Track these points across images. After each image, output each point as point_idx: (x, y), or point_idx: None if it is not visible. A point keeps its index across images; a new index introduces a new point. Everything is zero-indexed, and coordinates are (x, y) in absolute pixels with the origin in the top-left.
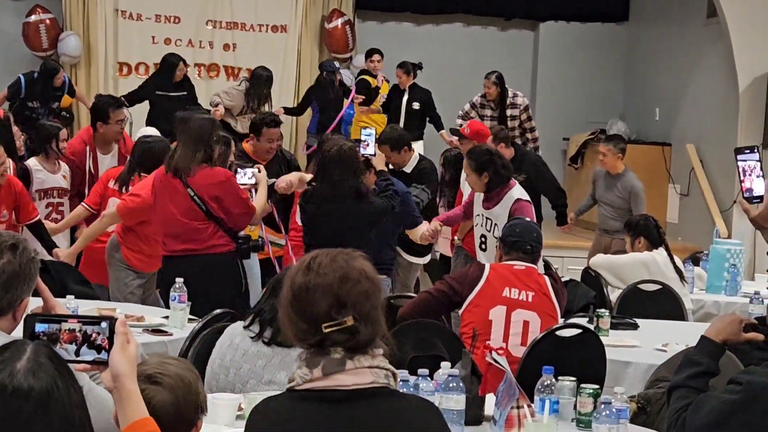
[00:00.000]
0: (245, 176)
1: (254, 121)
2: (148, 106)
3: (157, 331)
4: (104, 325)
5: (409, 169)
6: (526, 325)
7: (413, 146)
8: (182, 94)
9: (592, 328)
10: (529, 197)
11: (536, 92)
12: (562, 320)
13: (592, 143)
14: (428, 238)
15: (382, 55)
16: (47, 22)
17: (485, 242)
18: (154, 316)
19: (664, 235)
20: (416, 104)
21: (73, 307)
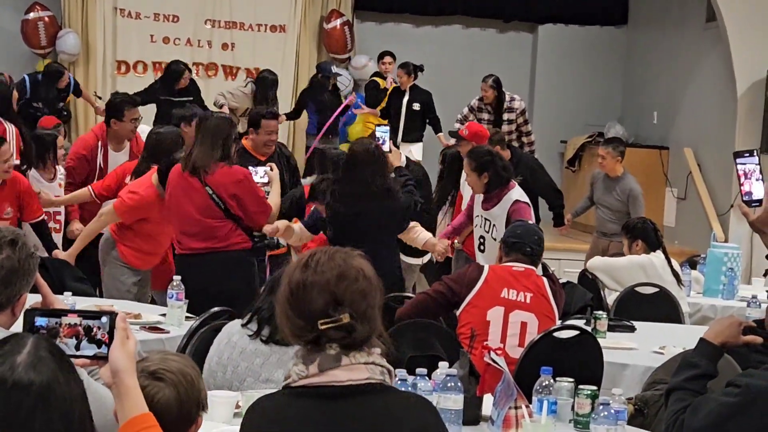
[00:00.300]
0: (258, 175)
1: (252, 114)
2: (155, 108)
3: (154, 328)
4: (104, 320)
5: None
6: (523, 326)
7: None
8: (188, 99)
9: (589, 330)
10: (527, 199)
11: (534, 94)
12: (559, 322)
13: (589, 146)
14: (441, 257)
15: (394, 57)
16: (46, 19)
17: (484, 243)
18: (151, 313)
19: (661, 238)
20: (416, 105)
21: (70, 304)
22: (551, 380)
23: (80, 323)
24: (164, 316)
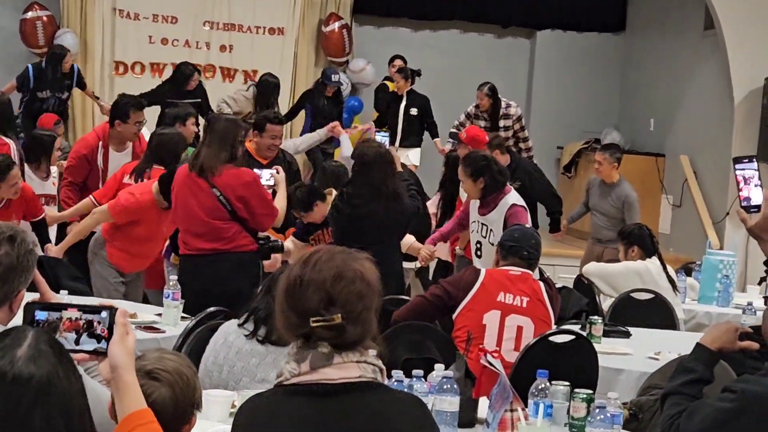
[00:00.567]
0: (263, 178)
1: (258, 117)
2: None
3: (150, 328)
4: (104, 314)
5: None
6: (519, 330)
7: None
8: (195, 101)
9: (585, 334)
10: (524, 203)
11: (531, 100)
12: (555, 326)
13: (586, 152)
14: (424, 263)
15: (404, 61)
16: (44, 19)
17: (481, 248)
18: (147, 313)
19: (657, 244)
20: (414, 110)
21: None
22: (547, 383)
23: (81, 318)
24: (160, 315)
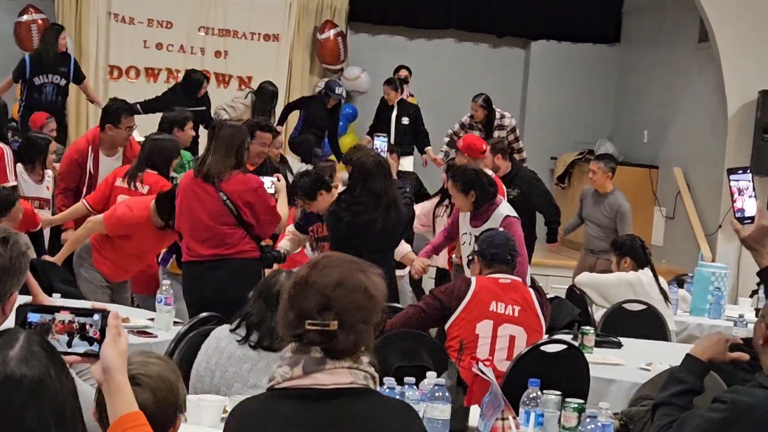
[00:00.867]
0: (265, 185)
1: (248, 124)
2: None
3: (142, 332)
4: (96, 317)
5: None
6: (512, 340)
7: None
8: (201, 109)
9: (576, 344)
10: (516, 213)
11: (525, 110)
12: (546, 336)
13: (579, 163)
14: (417, 275)
15: (409, 71)
16: (39, 22)
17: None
18: (139, 317)
19: (650, 255)
20: (405, 119)
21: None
22: (539, 392)
23: (73, 320)
24: (152, 320)
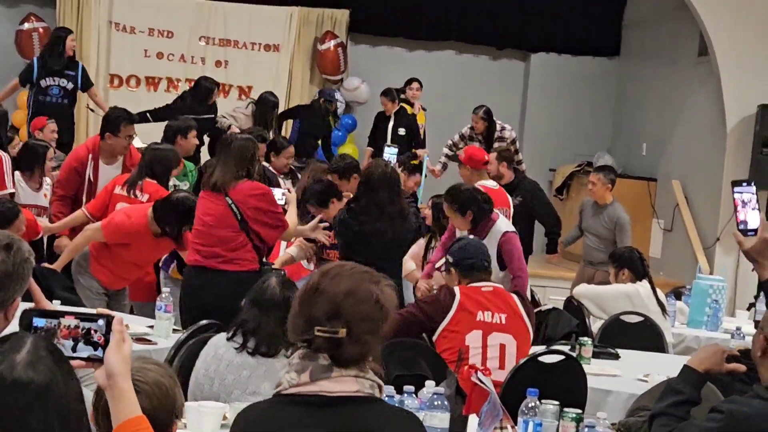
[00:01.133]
0: (275, 197)
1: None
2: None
3: (141, 339)
4: (101, 322)
5: None
6: (502, 348)
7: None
8: (209, 116)
9: (574, 355)
10: (513, 228)
11: (525, 122)
12: (543, 347)
13: (578, 175)
14: (420, 295)
15: (420, 84)
16: (40, 30)
17: None
18: (139, 324)
19: (648, 267)
20: (402, 130)
21: None
22: (537, 402)
23: (78, 325)
24: (152, 327)
